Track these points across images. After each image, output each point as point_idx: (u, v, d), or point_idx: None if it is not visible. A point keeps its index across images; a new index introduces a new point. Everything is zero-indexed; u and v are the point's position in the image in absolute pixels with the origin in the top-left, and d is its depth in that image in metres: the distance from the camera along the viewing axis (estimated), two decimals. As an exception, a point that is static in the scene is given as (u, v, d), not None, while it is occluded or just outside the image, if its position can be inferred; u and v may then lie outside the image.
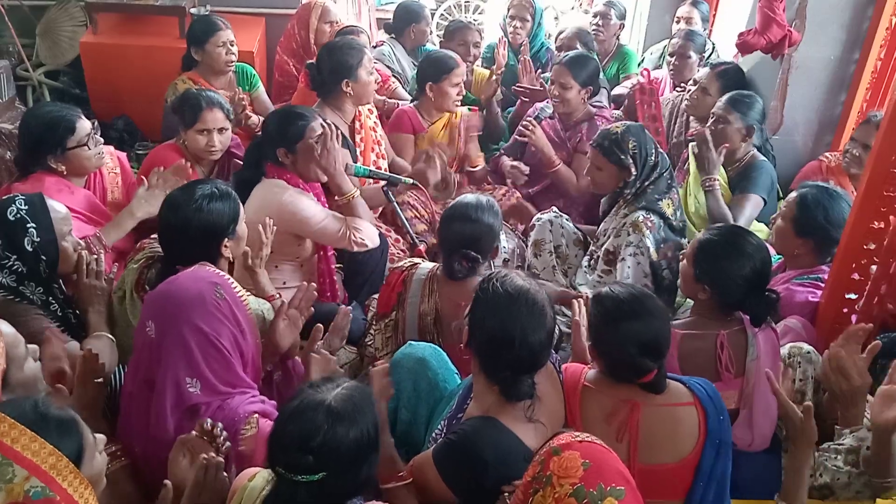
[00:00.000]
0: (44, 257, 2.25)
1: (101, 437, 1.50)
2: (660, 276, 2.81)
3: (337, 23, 4.17)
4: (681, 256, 2.46)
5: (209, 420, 1.78)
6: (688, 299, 2.88)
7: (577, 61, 3.61)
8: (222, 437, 1.76)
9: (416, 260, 2.59)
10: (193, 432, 1.77)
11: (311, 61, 3.36)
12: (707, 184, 3.19)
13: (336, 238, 2.78)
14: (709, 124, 3.31)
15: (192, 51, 3.70)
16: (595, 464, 1.37)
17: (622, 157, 2.84)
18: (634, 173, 2.85)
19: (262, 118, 3.56)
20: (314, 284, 2.32)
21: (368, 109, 3.48)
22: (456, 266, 2.36)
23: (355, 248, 2.80)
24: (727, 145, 3.22)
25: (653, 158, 2.87)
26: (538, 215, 3.25)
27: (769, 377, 2.01)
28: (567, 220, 3.23)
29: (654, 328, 1.85)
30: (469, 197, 2.50)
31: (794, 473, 1.88)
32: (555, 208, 3.31)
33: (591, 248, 3.09)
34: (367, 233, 2.82)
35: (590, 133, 3.59)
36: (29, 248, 2.21)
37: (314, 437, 1.46)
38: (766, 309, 2.24)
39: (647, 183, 2.87)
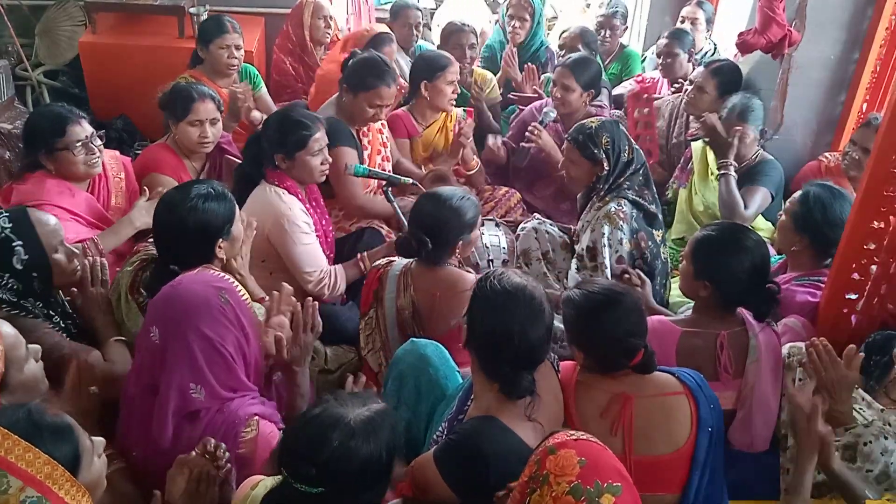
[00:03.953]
0: (35, 274, 2.16)
1: (99, 440, 1.49)
2: (634, 266, 2.79)
3: (330, 17, 4.17)
4: (680, 256, 2.46)
5: (212, 441, 1.75)
6: (679, 299, 2.89)
7: (580, 64, 3.62)
8: (224, 459, 1.73)
9: (393, 258, 2.60)
10: (195, 452, 1.74)
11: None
12: (722, 168, 3.19)
13: (303, 277, 2.75)
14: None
15: (198, 48, 3.71)
16: (591, 461, 1.36)
17: (595, 150, 2.84)
18: (607, 168, 2.85)
19: (264, 116, 3.56)
20: (288, 287, 2.19)
21: None
22: (404, 241, 2.48)
23: (314, 293, 2.74)
24: (739, 128, 3.23)
25: (626, 155, 2.87)
26: (522, 225, 3.26)
27: (783, 383, 2.05)
28: (551, 224, 3.23)
29: (629, 310, 1.91)
30: (450, 188, 2.54)
31: (799, 476, 1.87)
32: (537, 215, 3.32)
33: (576, 248, 3.09)
34: (339, 284, 2.83)
35: None
36: (19, 266, 2.12)
37: (322, 451, 1.44)
38: (769, 302, 2.23)
39: (621, 179, 2.87)
